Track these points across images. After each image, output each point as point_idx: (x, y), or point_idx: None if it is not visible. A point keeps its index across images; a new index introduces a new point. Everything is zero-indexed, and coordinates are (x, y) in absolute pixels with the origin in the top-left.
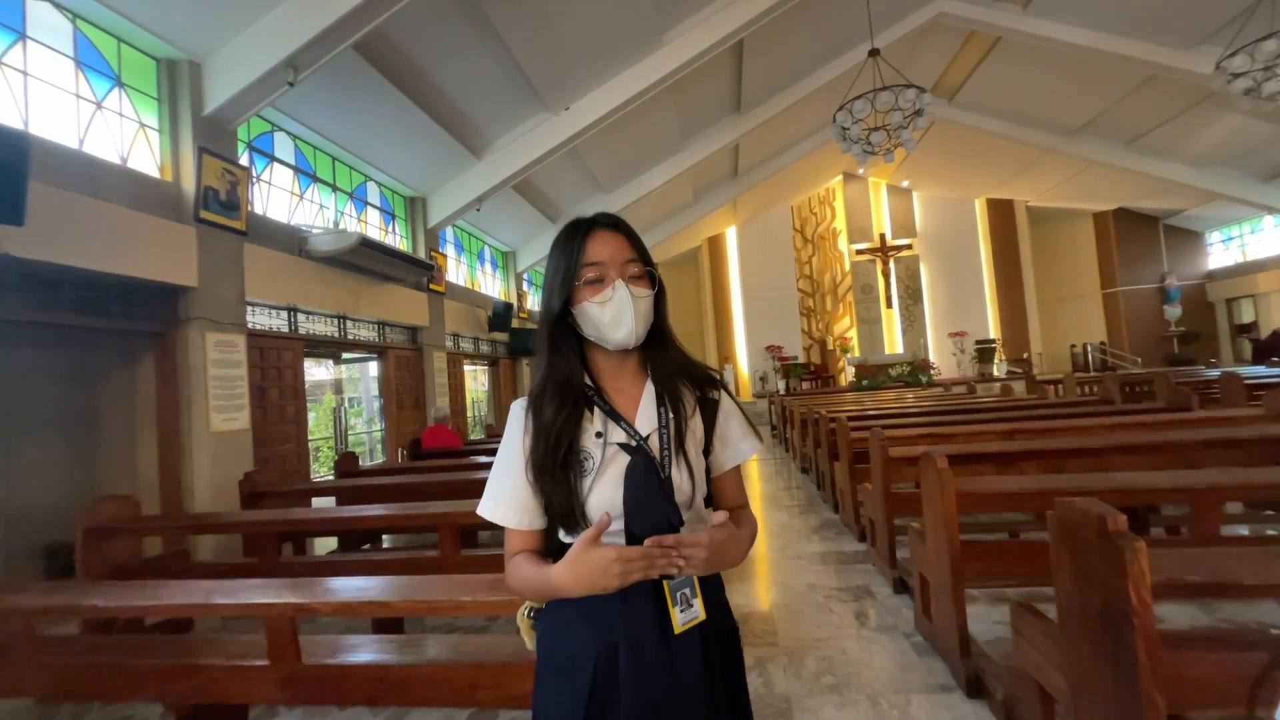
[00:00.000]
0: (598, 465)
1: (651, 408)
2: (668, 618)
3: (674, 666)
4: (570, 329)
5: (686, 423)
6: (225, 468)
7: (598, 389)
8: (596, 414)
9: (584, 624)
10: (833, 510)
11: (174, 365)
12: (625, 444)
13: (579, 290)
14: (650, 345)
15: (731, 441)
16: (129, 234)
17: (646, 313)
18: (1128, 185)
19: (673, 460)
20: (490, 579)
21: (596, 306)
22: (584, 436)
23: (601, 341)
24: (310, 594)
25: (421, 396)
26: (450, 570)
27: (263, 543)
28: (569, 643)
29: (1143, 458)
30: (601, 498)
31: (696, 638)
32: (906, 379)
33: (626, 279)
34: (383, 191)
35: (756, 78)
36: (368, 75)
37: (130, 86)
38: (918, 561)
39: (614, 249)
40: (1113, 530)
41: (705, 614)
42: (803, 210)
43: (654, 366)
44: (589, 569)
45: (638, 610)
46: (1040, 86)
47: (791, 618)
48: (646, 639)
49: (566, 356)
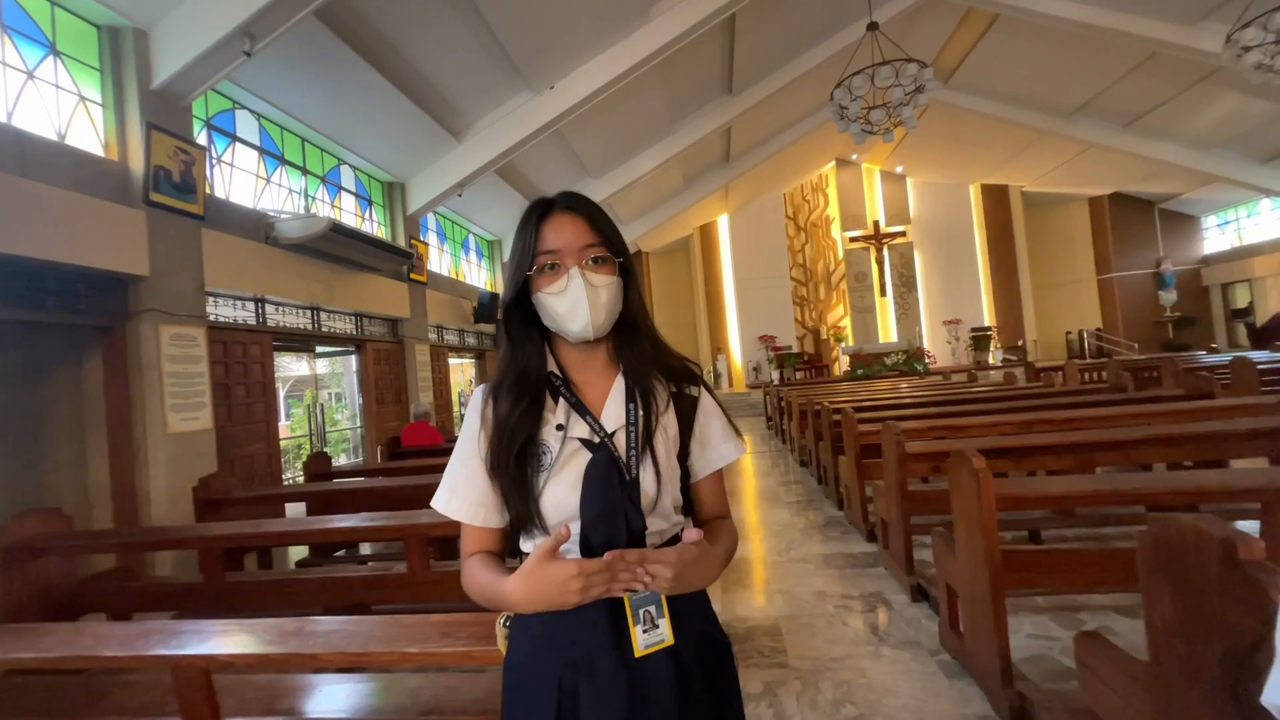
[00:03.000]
0: (555, 460)
1: (620, 403)
2: (628, 638)
3: (638, 693)
4: (532, 318)
5: (657, 419)
6: (185, 472)
7: (565, 379)
8: (560, 405)
9: (546, 643)
10: (836, 507)
11: (123, 362)
12: (587, 440)
13: (535, 279)
14: (621, 337)
15: (711, 444)
16: (67, 217)
17: (608, 302)
18: (1124, 169)
19: (639, 460)
20: (445, 621)
21: (550, 298)
22: (544, 428)
23: (561, 333)
24: (222, 642)
25: (403, 391)
26: (418, 587)
27: (210, 559)
28: (533, 662)
29: (1177, 450)
30: (556, 496)
31: (668, 659)
32: (902, 368)
33: (584, 265)
34: (358, 176)
35: (749, 57)
36: (336, 49)
37: (67, 55)
38: (944, 571)
39: (572, 234)
40: (1245, 559)
41: (673, 639)
42: (795, 197)
43: (625, 359)
44: (545, 583)
45: (592, 629)
46: (1038, 66)
47: (801, 632)
48: (602, 662)
49: (525, 347)
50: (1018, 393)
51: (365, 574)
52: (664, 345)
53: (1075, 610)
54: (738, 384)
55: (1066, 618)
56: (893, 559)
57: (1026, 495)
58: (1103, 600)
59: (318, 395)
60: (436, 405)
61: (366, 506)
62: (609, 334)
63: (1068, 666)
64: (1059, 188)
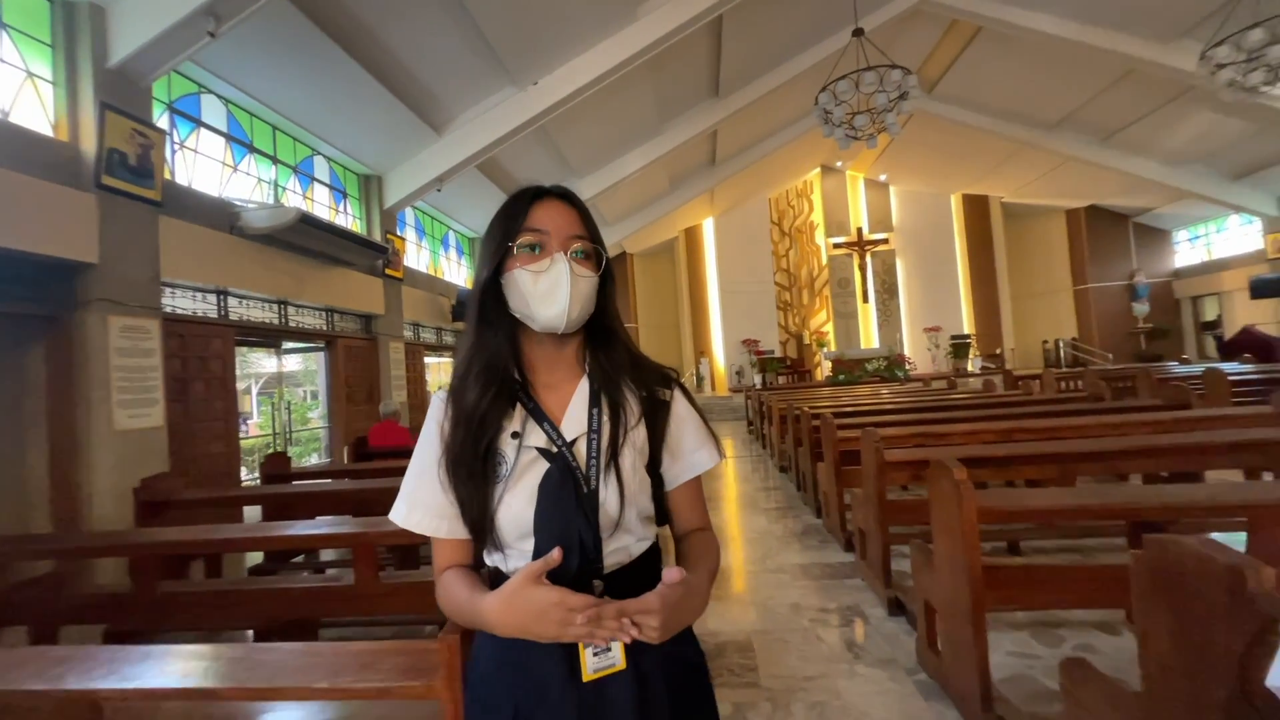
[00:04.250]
0: (510, 471)
1: (583, 408)
2: (577, 661)
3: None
4: (503, 303)
5: (626, 431)
6: (133, 472)
7: (524, 382)
8: (517, 410)
9: (502, 664)
10: (815, 514)
11: (69, 354)
12: (544, 449)
13: (513, 256)
14: (593, 340)
15: (683, 453)
16: (8, 200)
17: (586, 295)
18: (1101, 182)
19: (600, 473)
20: (367, 650)
21: (529, 275)
22: (500, 436)
23: (528, 319)
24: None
25: (376, 390)
26: (365, 601)
27: (142, 568)
28: (489, 684)
29: (1159, 460)
30: (512, 510)
31: (629, 682)
32: (883, 374)
33: (569, 254)
34: (332, 167)
35: (736, 60)
36: (311, 35)
37: (13, 28)
38: (922, 586)
39: (563, 220)
40: (1255, 591)
41: (625, 663)
42: (780, 203)
43: (593, 363)
44: (526, 609)
45: (545, 651)
46: (1020, 79)
47: (774, 648)
48: (553, 687)
49: (495, 333)
50: (997, 400)
51: (310, 585)
52: (638, 353)
53: (1056, 626)
54: (720, 387)
55: (1047, 634)
56: (870, 570)
57: (1009, 509)
58: (1084, 616)
59: (283, 393)
60: (410, 405)
61: (325, 510)
62: (580, 336)
63: (1050, 688)
64: (1038, 199)
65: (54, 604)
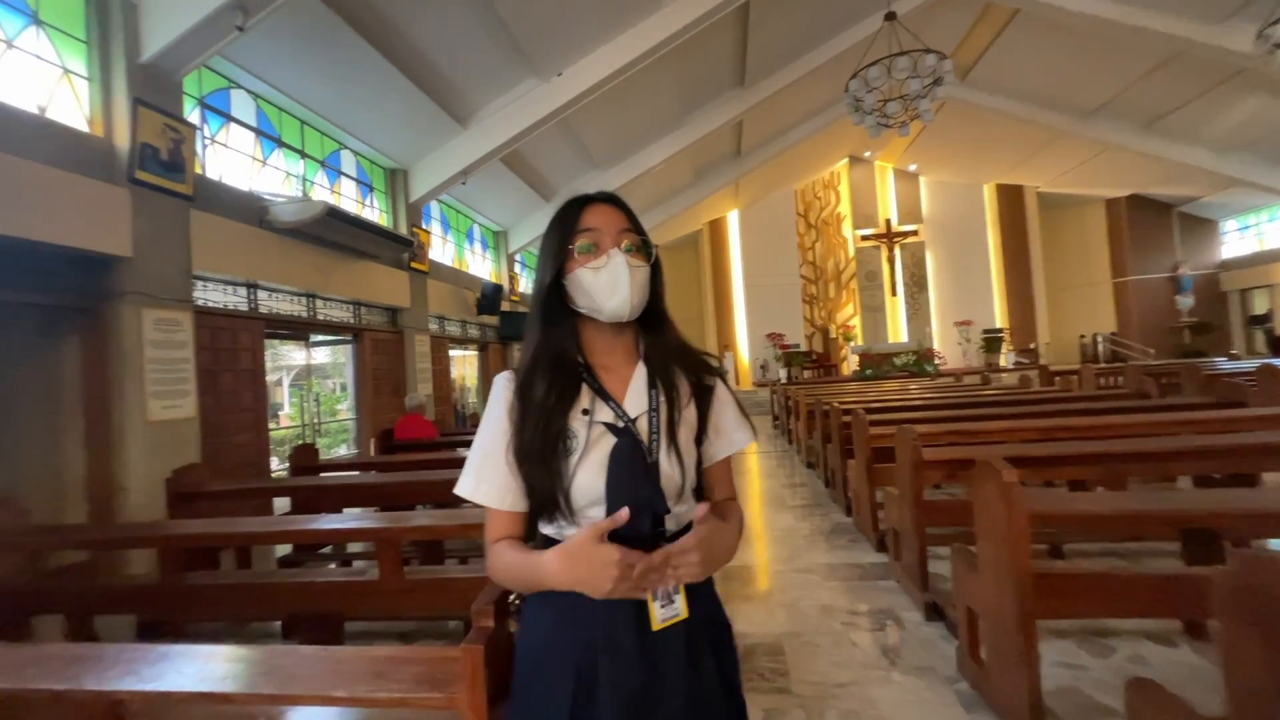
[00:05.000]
0: (583, 446)
1: (642, 389)
2: (647, 613)
3: (654, 665)
4: (563, 302)
5: (680, 410)
6: (165, 462)
7: (587, 365)
8: (584, 391)
9: (563, 623)
10: (844, 513)
11: (103, 346)
12: (612, 424)
13: (573, 259)
14: (646, 326)
15: (725, 431)
16: (45, 194)
17: (642, 284)
18: (1143, 170)
19: (662, 446)
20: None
21: (590, 273)
22: (571, 414)
23: (594, 313)
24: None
25: (402, 382)
26: (388, 596)
27: (169, 560)
28: (549, 647)
29: (1211, 462)
30: (584, 481)
31: (681, 635)
32: (911, 368)
33: (622, 248)
34: (359, 161)
35: (762, 48)
36: (338, 29)
37: (51, 25)
38: (964, 591)
39: (611, 219)
40: None
41: (688, 612)
42: (806, 194)
43: (648, 348)
44: (586, 563)
45: (618, 606)
46: (1058, 65)
47: (804, 652)
48: (625, 637)
49: (559, 330)
50: (1034, 397)
51: (334, 580)
52: (684, 339)
53: (1104, 635)
54: (744, 381)
55: (1095, 644)
56: (905, 572)
57: (1061, 514)
58: (1134, 625)
59: (312, 385)
60: (436, 397)
61: (351, 502)
62: (633, 324)
63: (1101, 702)
64: (1075, 189)
65: (87, 593)
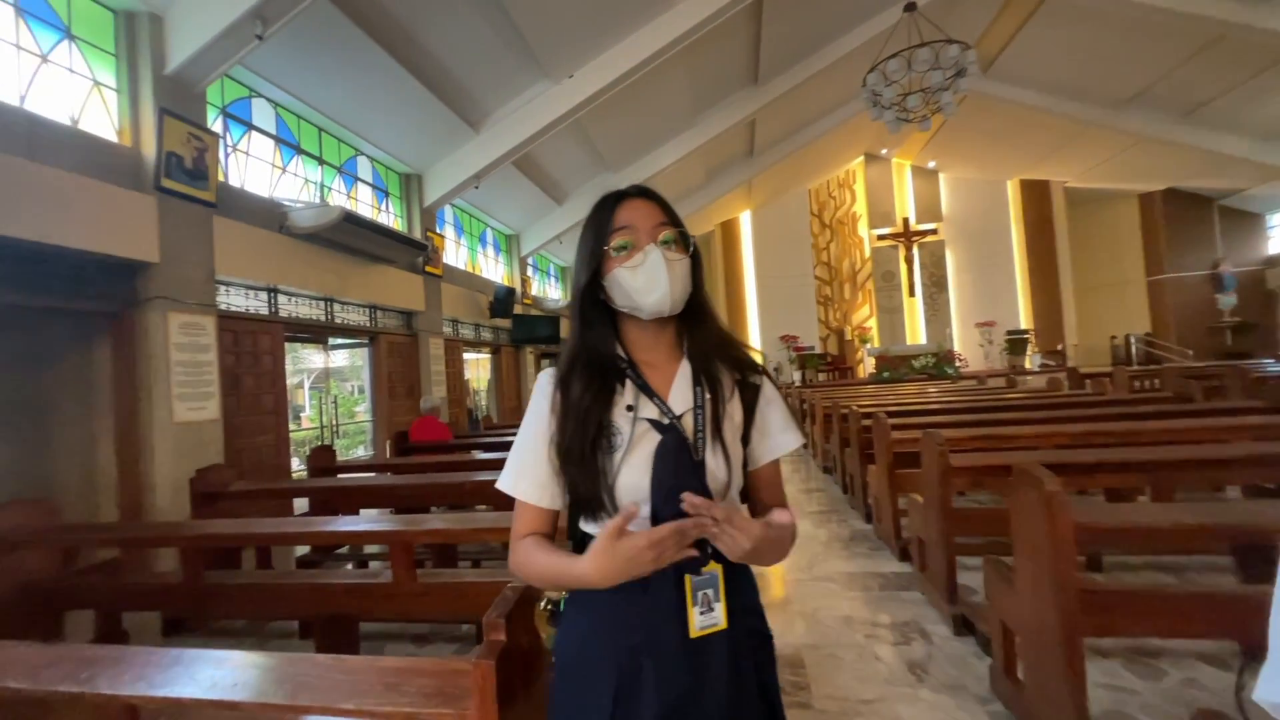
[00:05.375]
0: (627, 442)
1: (686, 386)
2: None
3: (698, 670)
4: (601, 302)
5: (724, 406)
6: (190, 462)
7: (630, 362)
8: (628, 387)
9: (605, 628)
10: (864, 519)
11: (132, 349)
12: (657, 421)
13: (609, 259)
14: (687, 321)
15: (771, 432)
16: (76, 202)
17: (682, 277)
18: (1180, 162)
19: (708, 444)
20: (394, 668)
21: (627, 272)
22: (614, 410)
23: (634, 311)
24: (143, 680)
25: (416, 385)
26: (401, 600)
27: (190, 559)
28: (590, 648)
29: (1267, 471)
30: (629, 479)
31: (724, 643)
32: (931, 371)
33: (658, 242)
34: (375, 167)
35: (776, 44)
36: (353, 38)
37: (82, 39)
38: (999, 606)
39: (646, 214)
40: None
41: (726, 623)
42: (821, 194)
43: (691, 344)
44: (619, 559)
45: (659, 610)
46: (1088, 54)
47: (826, 665)
48: (668, 642)
49: (597, 330)
50: (1065, 400)
51: (348, 582)
52: (728, 332)
53: (1152, 656)
54: None
55: (1144, 665)
56: (930, 583)
57: (1110, 526)
58: (1184, 645)
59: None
60: (450, 400)
61: (367, 503)
62: (674, 319)
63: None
64: (1106, 183)
65: (115, 590)
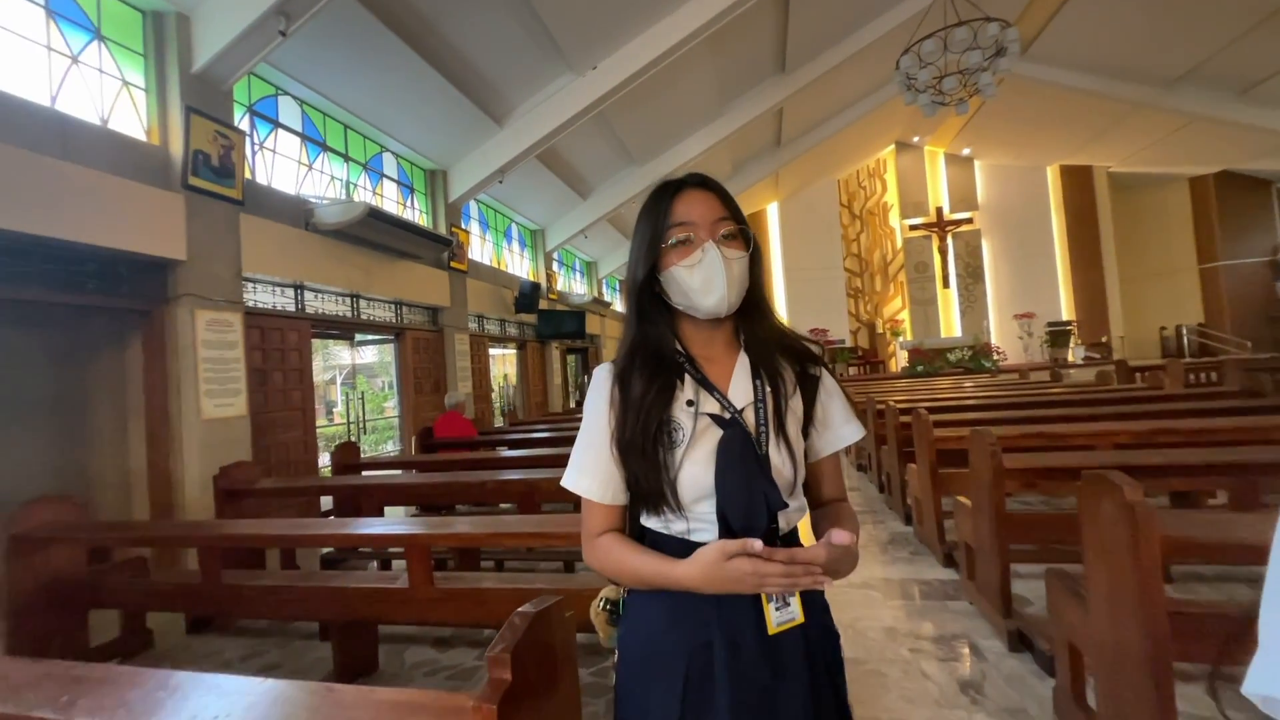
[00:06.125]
0: (689, 437)
1: (746, 380)
2: (763, 616)
3: (775, 666)
4: (658, 296)
5: (786, 400)
6: (218, 458)
7: (689, 356)
8: (688, 382)
9: (673, 623)
10: (903, 521)
11: (161, 346)
12: (718, 416)
13: (666, 254)
14: (744, 315)
15: (833, 425)
16: (106, 201)
17: (740, 276)
18: (1236, 143)
19: (770, 438)
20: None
21: (685, 271)
22: (674, 406)
23: (691, 310)
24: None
25: (442, 380)
26: (418, 605)
27: (208, 559)
28: (657, 643)
29: None
30: (692, 474)
31: (800, 638)
32: (967, 364)
33: (718, 239)
34: (400, 163)
35: (804, 30)
36: (377, 33)
37: (111, 40)
38: (1066, 625)
39: (705, 208)
40: None
41: (804, 617)
42: (850, 184)
43: (748, 337)
44: (725, 578)
45: (734, 607)
46: (1134, 30)
47: (870, 682)
48: (743, 638)
49: (656, 325)
50: (1117, 395)
51: (364, 586)
52: (785, 326)
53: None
54: None
55: (1228, 690)
56: (982, 594)
57: (1208, 543)
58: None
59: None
60: (476, 395)
61: (391, 501)
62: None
63: None
64: (1153, 167)
65: (139, 589)
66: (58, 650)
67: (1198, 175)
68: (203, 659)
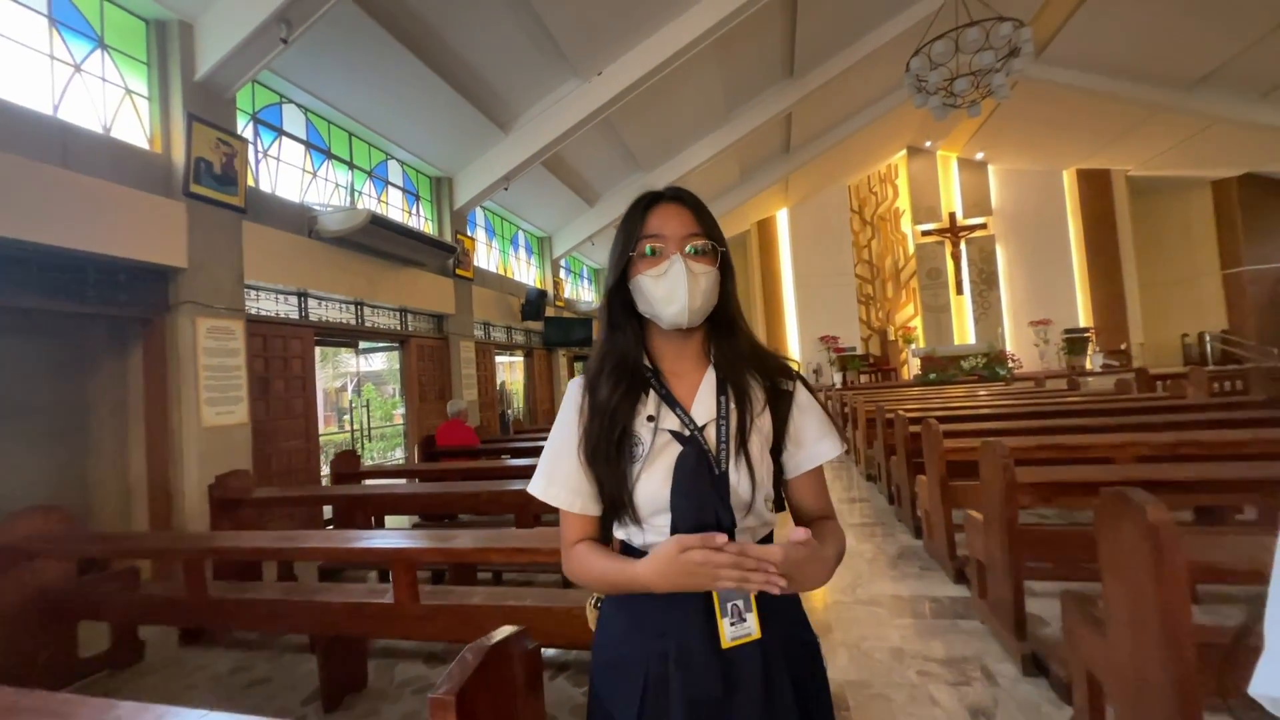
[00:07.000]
0: (647, 452)
1: (710, 396)
2: (717, 630)
3: (728, 681)
4: (630, 305)
5: (753, 419)
6: (219, 467)
7: (655, 370)
8: (651, 396)
9: (634, 630)
10: (912, 534)
11: (162, 354)
12: (678, 432)
13: (635, 263)
14: (716, 331)
15: (806, 442)
16: (107, 208)
17: (706, 290)
18: (1260, 145)
19: (730, 456)
20: None
21: (650, 280)
22: (635, 419)
23: (655, 319)
24: None
25: (447, 388)
26: (404, 622)
27: (192, 571)
28: (620, 647)
29: None
30: (648, 489)
31: (757, 655)
32: (981, 372)
33: (685, 253)
34: (405, 170)
35: (813, 34)
36: (382, 41)
37: (114, 49)
38: (1084, 652)
39: (677, 222)
40: None
41: (760, 632)
42: (861, 190)
43: (718, 353)
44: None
45: (685, 619)
46: (1154, 30)
47: (875, 706)
48: (695, 650)
49: (625, 333)
50: (1138, 405)
51: (350, 601)
52: (759, 343)
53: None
54: None
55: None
56: (994, 614)
57: (1235, 568)
58: None
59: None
60: (481, 403)
61: (390, 510)
62: (703, 327)
63: None
64: (1174, 170)
65: (127, 601)
66: (46, 662)
67: (1220, 178)
68: (193, 671)
